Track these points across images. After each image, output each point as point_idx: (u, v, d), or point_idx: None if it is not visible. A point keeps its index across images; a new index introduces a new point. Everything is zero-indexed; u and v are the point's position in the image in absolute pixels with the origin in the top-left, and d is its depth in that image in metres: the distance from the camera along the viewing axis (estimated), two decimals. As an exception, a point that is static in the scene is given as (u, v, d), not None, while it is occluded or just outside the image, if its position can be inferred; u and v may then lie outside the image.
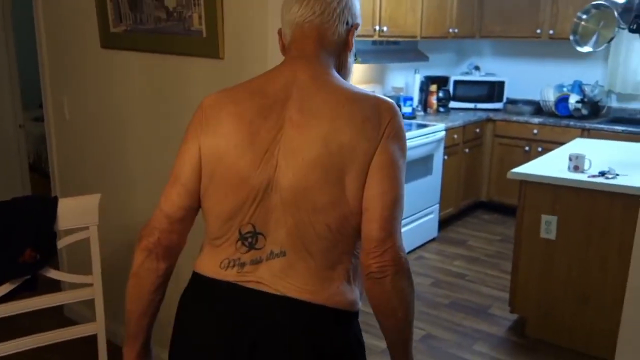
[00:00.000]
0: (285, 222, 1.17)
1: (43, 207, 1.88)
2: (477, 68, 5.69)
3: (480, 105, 5.43)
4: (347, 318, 1.24)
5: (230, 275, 1.21)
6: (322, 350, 1.20)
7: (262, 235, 1.19)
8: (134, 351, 1.36)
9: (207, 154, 1.22)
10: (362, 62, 4.09)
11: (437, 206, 4.65)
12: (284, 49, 1.32)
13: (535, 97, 5.28)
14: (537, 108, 5.24)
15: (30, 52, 4.10)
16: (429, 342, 3.13)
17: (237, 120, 1.20)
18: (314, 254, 1.18)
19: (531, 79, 5.42)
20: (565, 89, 5.13)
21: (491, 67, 5.71)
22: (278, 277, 1.19)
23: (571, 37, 3.10)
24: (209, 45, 2.16)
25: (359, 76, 4.59)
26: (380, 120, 1.18)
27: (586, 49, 3.06)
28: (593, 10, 3.02)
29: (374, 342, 2.42)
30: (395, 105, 1.25)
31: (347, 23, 1.28)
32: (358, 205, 1.17)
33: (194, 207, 1.27)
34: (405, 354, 1.27)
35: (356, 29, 1.30)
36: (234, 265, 1.21)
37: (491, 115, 5.24)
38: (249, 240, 1.20)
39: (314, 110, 1.18)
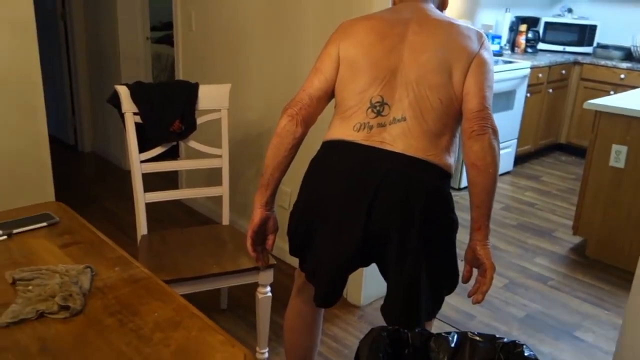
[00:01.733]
0: (407, 95, 1.57)
1: (188, 89, 2.36)
2: (569, 10, 5.72)
3: (569, 49, 5.51)
4: (447, 176, 1.63)
5: (359, 137, 1.59)
6: (431, 192, 1.57)
7: (387, 105, 1.58)
8: (263, 198, 1.72)
9: (347, 49, 1.64)
10: (455, -5, 4.31)
11: (514, 141, 4.88)
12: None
13: (627, 43, 5.29)
14: (628, 54, 5.26)
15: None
16: (494, 252, 3.44)
17: (370, 29, 1.64)
18: (427, 120, 1.57)
19: (624, 24, 5.41)
20: (659, 36, 5.12)
21: (584, 10, 5.72)
22: (399, 138, 1.57)
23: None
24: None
25: (448, 10, 4.79)
26: (478, 38, 1.63)
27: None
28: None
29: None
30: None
31: None
32: (460, 90, 1.57)
33: (329, 91, 1.68)
34: (488, 214, 1.59)
35: None
36: (364, 128, 1.59)
37: (579, 58, 5.32)
38: (377, 108, 1.59)
39: (430, 26, 1.61)
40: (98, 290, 1.35)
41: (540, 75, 4.92)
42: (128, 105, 2.25)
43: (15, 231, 1.61)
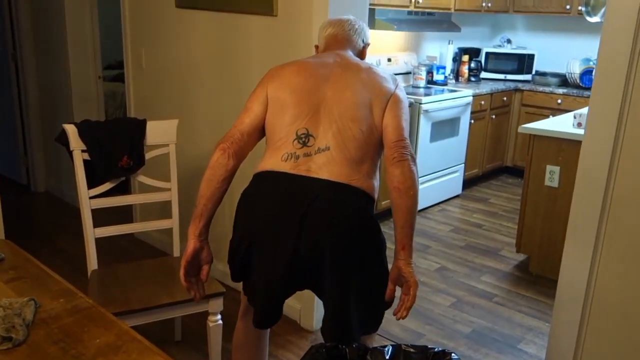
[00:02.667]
0: (331, 127, 1.73)
1: (137, 125, 2.44)
2: (508, 41, 6.03)
3: (510, 77, 5.79)
4: (370, 199, 1.76)
5: (287, 166, 1.72)
6: (356, 212, 1.71)
7: (312, 136, 1.73)
8: (197, 229, 1.75)
9: (275, 90, 1.81)
10: (398, 29, 4.52)
11: (462, 166, 5.08)
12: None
13: (562, 70, 5.60)
14: (564, 80, 5.57)
15: (111, 12, 4.66)
16: (442, 272, 3.62)
17: (297, 71, 1.84)
18: (350, 148, 1.72)
19: (560, 53, 5.74)
20: (591, 62, 5.43)
21: (522, 40, 6.04)
22: (324, 166, 1.71)
23: (583, 8, 3.48)
24: (266, 5, 2.67)
25: (395, 44, 5.03)
26: (393, 80, 1.87)
27: (595, 19, 3.44)
28: (603, -16, 3.40)
29: None
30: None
31: (363, 41, 2.01)
32: (380, 123, 1.76)
33: (259, 127, 1.82)
34: (411, 234, 1.72)
35: (367, 47, 2.03)
36: (291, 158, 1.72)
37: (520, 85, 5.60)
38: (303, 139, 1.73)
39: (352, 69, 1.84)
40: (42, 321, 1.41)
41: (482, 102, 5.16)
42: (76, 143, 2.32)
43: (-39, 269, 1.66)
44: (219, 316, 2.26)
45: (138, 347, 1.31)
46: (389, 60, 4.86)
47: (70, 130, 2.32)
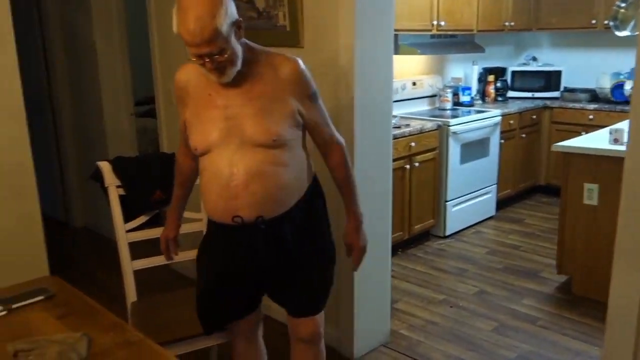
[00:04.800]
0: None
1: (167, 159, 2.48)
2: (534, 59, 6.01)
3: (537, 94, 5.75)
4: None
5: None
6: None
7: None
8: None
9: None
10: (421, 53, 4.54)
11: (494, 186, 5.03)
12: None
13: (592, 85, 5.54)
14: (594, 96, 5.50)
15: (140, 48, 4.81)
16: (482, 296, 3.56)
17: None
18: None
19: (588, 68, 5.69)
20: (622, 76, 5.36)
21: (548, 57, 6.01)
22: None
23: (610, 23, 3.46)
24: (292, 37, 2.72)
25: (419, 67, 5.05)
26: None
27: (624, 33, 3.41)
28: (631, -1, 3.38)
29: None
30: None
31: None
32: None
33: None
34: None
35: None
36: None
37: (548, 102, 5.56)
38: None
39: None
40: (95, 355, 1.42)
41: (511, 121, 5.13)
42: (110, 180, 2.37)
43: (14, 306, 1.69)
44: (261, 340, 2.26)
45: (191, 380, 1.31)
46: (414, 84, 4.88)
47: (105, 167, 2.37)
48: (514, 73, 5.83)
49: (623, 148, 3.25)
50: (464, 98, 5.18)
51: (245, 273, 1.92)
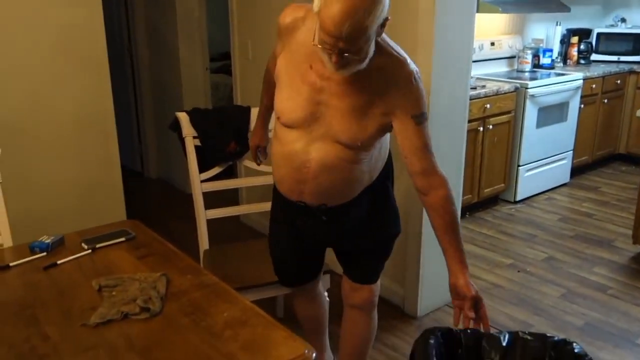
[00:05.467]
0: None
1: (242, 112, 2.53)
2: (623, 20, 5.66)
3: (624, 58, 5.43)
4: None
5: None
6: None
7: None
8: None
9: None
10: (503, 11, 4.36)
11: (570, 153, 4.84)
12: None
13: (685, 48, 5.18)
14: (686, 60, 5.15)
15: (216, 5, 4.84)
16: (551, 262, 3.48)
17: None
18: None
19: (682, 31, 5.31)
20: None
21: (638, 19, 5.64)
22: None
23: None
24: None
25: (498, 27, 4.86)
26: None
27: None
28: None
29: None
30: None
31: None
32: None
33: None
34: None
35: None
36: None
37: (635, 67, 5.24)
38: None
39: None
40: (173, 295, 1.50)
41: (593, 86, 4.88)
42: (188, 130, 2.44)
43: (98, 246, 1.80)
44: (326, 293, 2.32)
45: (262, 322, 1.37)
46: (492, 44, 4.71)
47: (183, 118, 2.44)
48: (599, 35, 5.52)
49: None
50: (545, 60, 4.97)
51: (310, 243, 1.96)
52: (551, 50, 5.09)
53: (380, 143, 1.74)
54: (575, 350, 1.50)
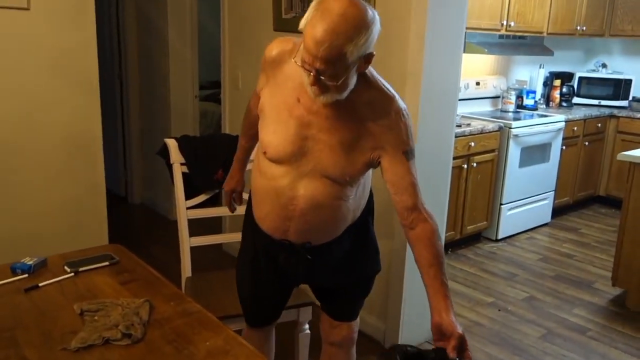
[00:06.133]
0: None
1: (231, 140, 2.55)
2: (604, 65, 5.82)
3: (604, 102, 5.57)
4: None
5: None
6: None
7: None
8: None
9: None
10: (489, 52, 4.47)
11: (552, 193, 4.92)
12: None
13: (663, 96, 5.34)
14: (665, 107, 5.30)
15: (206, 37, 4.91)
16: (531, 302, 3.50)
17: None
18: None
19: (660, 78, 5.48)
20: (696, 89, 5.15)
21: (619, 65, 5.82)
22: None
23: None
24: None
25: (484, 67, 4.98)
26: None
27: None
28: None
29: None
30: None
31: None
32: None
33: None
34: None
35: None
36: None
37: (615, 112, 5.38)
38: None
39: None
40: (156, 321, 1.49)
41: (575, 128, 4.99)
42: (176, 157, 2.45)
43: (81, 269, 1.78)
44: (307, 326, 2.31)
45: (245, 352, 1.37)
46: (477, 84, 4.81)
47: (172, 144, 2.45)
48: (581, 79, 5.67)
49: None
50: (528, 101, 5.08)
51: (287, 282, 1.93)
52: (534, 92, 5.21)
53: (364, 179, 1.72)
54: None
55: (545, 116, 4.78)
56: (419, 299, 2.89)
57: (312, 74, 1.42)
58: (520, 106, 5.04)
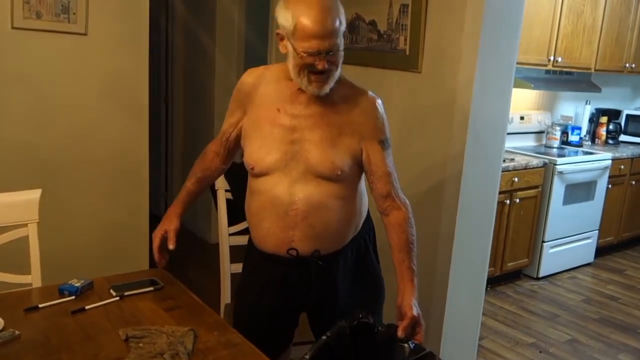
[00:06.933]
0: None
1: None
2: (653, 104, 5.69)
3: (653, 141, 5.43)
4: None
5: None
6: None
7: None
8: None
9: None
10: (535, 88, 4.42)
11: (596, 232, 4.79)
12: None
13: None
14: None
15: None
16: (574, 345, 3.39)
17: None
18: None
19: None
20: None
21: (668, 103, 5.68)
22: None
23: None
24: (410, 62, 2.74)
25: (529, 102, 4.92)
26: None
27: None
28: None
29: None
30: None
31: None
32: None
33: None
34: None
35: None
36: None
37: (663, 151, 5.23)
38: None
39: None
40: (199, 351, 1.49)
41: (622, 166, 4.87)
42: (221, 183, 2.47)
43: (126, 293, 1.80)
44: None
45: (289, 388, 1.35)
46: (522, 118, 4.75)
47: (218, 170, 2.47)
48: (628, 116, 5.55)
49: None
50: (573, 138, 4.99)
51: (295, 308, 1.86)
52: (580, 128, 5.12)
53: (358, 178, 1.75)
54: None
55: (591, 153, 4.68)
56: (460, 336, 2.84)
57: (321, 58, 1.51)
58: (565, 142, 4.95)
